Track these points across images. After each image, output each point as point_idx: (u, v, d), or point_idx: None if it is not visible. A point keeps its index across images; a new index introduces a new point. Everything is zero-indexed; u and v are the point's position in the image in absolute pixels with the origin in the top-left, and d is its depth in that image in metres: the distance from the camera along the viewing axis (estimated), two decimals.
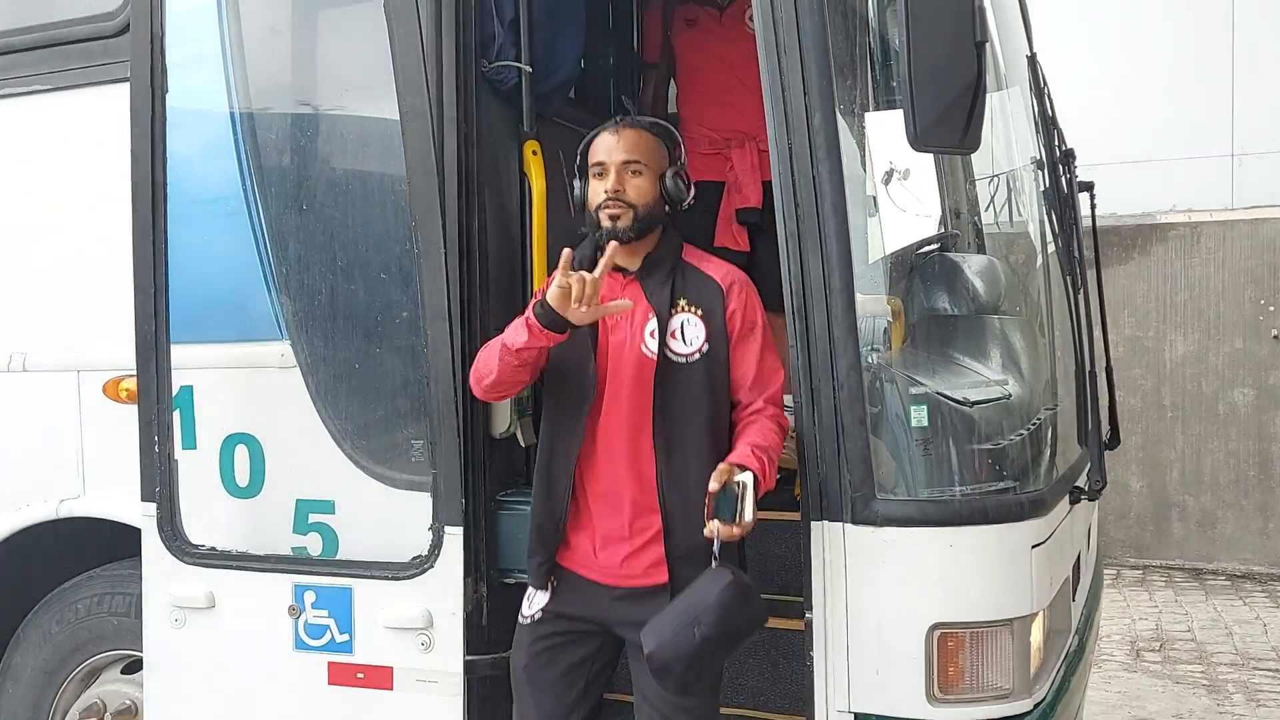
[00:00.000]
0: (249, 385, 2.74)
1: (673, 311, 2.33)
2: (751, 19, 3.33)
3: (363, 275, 2.66)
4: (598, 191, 2.33)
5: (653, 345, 2.31)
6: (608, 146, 2.35)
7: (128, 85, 2.68)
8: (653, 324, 2.31)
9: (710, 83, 3.49)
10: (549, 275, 2.75)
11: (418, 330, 2.51)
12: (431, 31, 2.51)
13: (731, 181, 3.44)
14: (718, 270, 2.39)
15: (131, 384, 2.78)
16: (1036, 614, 2.35)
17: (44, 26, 2.96)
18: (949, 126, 2.08)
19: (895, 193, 2.69)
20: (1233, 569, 7.12)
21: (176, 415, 2.72)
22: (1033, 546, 2.32)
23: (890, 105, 2.46)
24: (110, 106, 2.77)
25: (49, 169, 3.01)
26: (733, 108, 3.42)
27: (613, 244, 2.25)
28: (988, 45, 2.11)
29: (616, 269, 2.33)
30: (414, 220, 2.46)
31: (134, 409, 2.75)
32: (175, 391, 2.71)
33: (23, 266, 3.05)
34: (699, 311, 2.33)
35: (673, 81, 3.77)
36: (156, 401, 2.68)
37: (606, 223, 2.29)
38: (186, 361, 2.70)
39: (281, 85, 2.81)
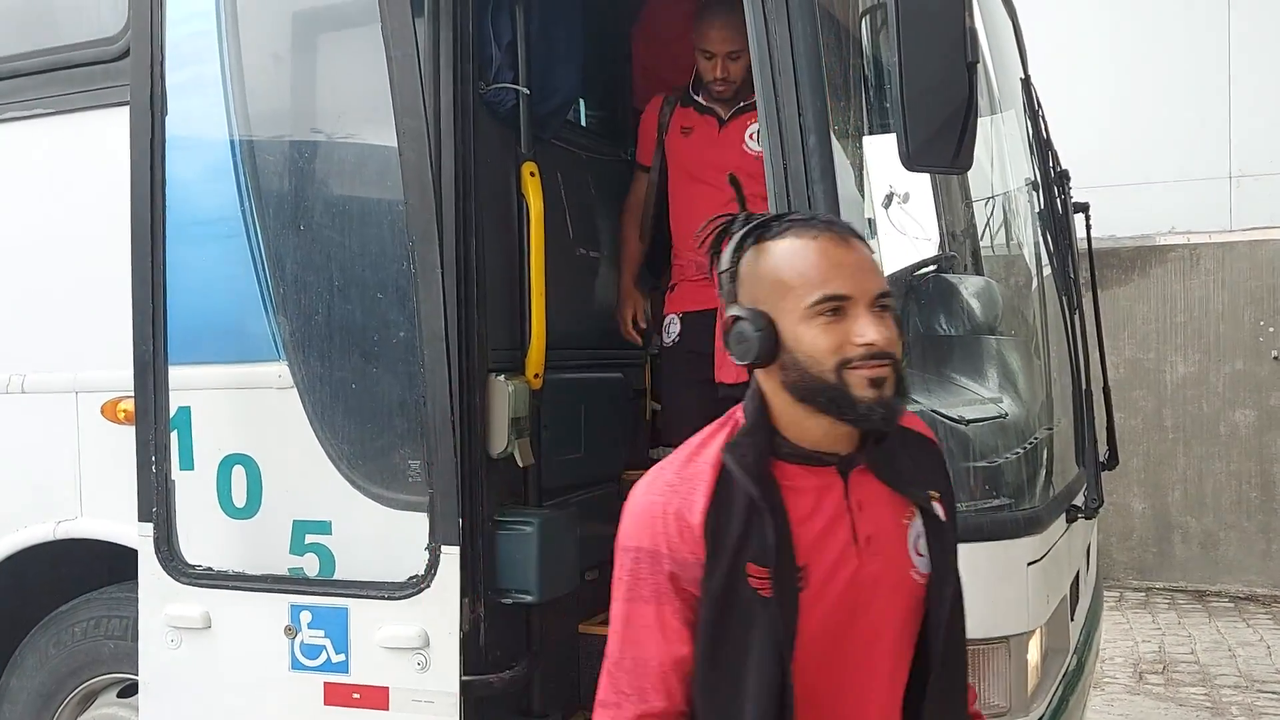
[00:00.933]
0: (246, 406, 2.75)
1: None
2: (752, 137, 3.21)
3: (360, 296, 2.66)
4: (837, 341, 1.42)
5: (923, 562, 1.51)
6: (844, 266, 1.45)
7: (128, 108, 2.70)
8: (918, 527, 1.51)
9: (697, 203, 3.23)
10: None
11: (415, 351, 2.51)
12: (429, 54, 2.53)
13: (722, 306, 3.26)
14: (917, 420, 1.63)
15: (129, 405, 2.79)
16: (1033, 631, 2.35)
17: (46, 51, 2.99)
18: (941, 147, 2.09)
19: (891, 214, 2.70)
20: (1235, 591, 7.09)
21: (174, 436, 2.72)
22: (1028, 564, 2.32)
23: (885, 127, 2.48)
24: (110, 129, 2.79)
25: (49, 191, 3.03)
26: None
27: None
28: (980, 67, 2.12)
29: (806, 456, 1.48)
30: (411, 241, 2.47)
31: (132, 430, 2.75)
32: (173, 412, 2.71)
33: (22, 288, 3.06)
34: (939, 496, 1.56)
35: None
36: (154, 422, 2.68)
37: (868, 391, 1.41)
38: (184, 382, 2.71)
39: (280, 108, 2.82)
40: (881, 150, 2.44)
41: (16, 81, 3.00)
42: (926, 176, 2.83)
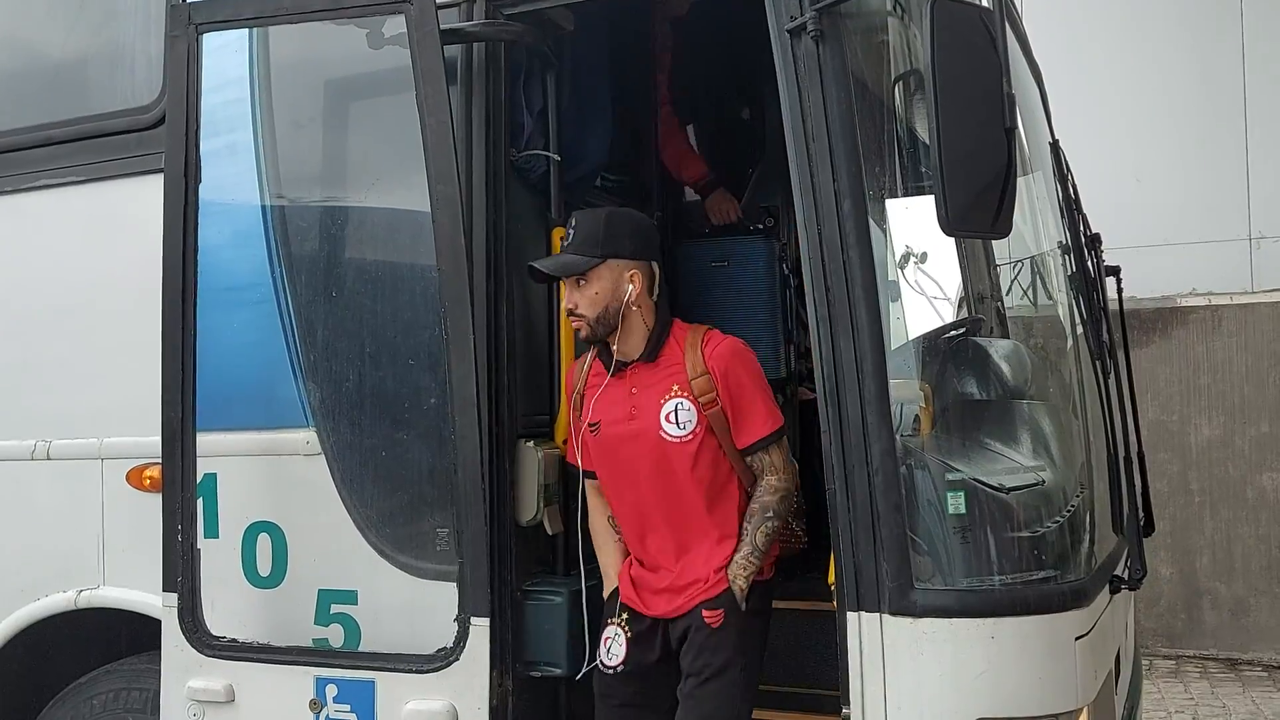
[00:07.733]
0: (273, 473, 2.72)
1: None
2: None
3: (390, 362, 2.65)
4: None
5: None
6: None
7: (161, 176, 2.70)
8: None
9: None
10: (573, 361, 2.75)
11: (445, 417, 2.49)
12: (463, 122, 2.54)
13: None
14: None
15: (155, 472, 2.76)
16: (1082, 709, 2.27)
17: (79, 119, 3.01)
18: (981, 212, 2.08)
19: (924, 277, 2.68)
20: (1269, 659, 6.92)
21: (199, 503, 2.69)
22: (1076, 638, 2.26)
23: (919, 191, 2.46)
24: (141, 196, 2.80)
25: (79, 258, 3.03)
26: None
27: None
28: (1017, 132, 2.12)
29: None
30: (443, 307, 2.46)
31: (157, 497, 2.72)
32: (199, 479, 2.68)
33: (49, 353, 3.05)
34: None
35: None
36: (181, 490, 2.65)
37: None
38: (210, 449, 2.68)
39: (312, 174, 2.83)
40: (916, 214, 2.43)
41: (50, 149, 3.02)
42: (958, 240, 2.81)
